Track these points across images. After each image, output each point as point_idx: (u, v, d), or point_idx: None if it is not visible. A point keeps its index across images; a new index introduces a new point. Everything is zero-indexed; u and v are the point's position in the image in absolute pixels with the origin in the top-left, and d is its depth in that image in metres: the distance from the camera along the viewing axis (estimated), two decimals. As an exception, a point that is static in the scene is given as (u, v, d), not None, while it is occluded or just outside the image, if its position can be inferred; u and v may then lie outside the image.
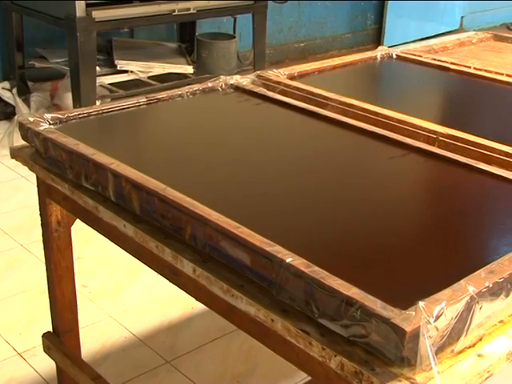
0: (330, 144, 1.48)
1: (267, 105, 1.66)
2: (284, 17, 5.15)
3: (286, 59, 5.24)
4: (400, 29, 5.89)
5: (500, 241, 1.10)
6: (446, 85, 1.99)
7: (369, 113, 1.58)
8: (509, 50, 2.36)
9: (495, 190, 1.27)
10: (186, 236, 1.09)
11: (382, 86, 2.07)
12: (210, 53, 4.07)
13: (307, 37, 5.42)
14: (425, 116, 1.54)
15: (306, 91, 1.71)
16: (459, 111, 1.78)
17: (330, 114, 1.58)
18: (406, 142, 1.42)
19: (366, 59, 2.10)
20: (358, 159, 1.41)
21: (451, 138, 1.44)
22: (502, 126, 1.64)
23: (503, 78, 1.93)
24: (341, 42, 5.66)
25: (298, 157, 1.41)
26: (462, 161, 1.34)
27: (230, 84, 1.76)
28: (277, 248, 0.98)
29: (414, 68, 2.06)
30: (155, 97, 1.64)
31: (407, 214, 1.19)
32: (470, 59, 2.15)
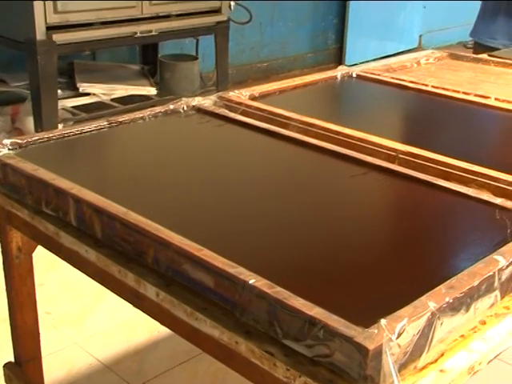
0: (291, 164, 1.49)
1: (229, 126, 1.67)
2: (246, 37, 5.19)
3: (249, 79, 5.28)
4: (360, 48, 5.98)
5: (460, 256, 1.12)
6: (405, 103, 2.03)
7: (330, 132, 1.59)
8: (465, 68, 2.41)
9: (454, 205, 1.29)
10: (148, 260, 1.09)
11: (342, 105, 2.10)
12: (172, 74, 4.08)
13: (269, 57, 5.47)
14: (385, 134, 1.56)
15: (267, 111, 1.73)
16: (418, 129, 1.81)
17: (292, 133, 1.59)
18: (367, 161, 1.44)
19: (327, 79, 2.12)
20: (319, 178, 1.42)
21: (411, 155, 1.46)
22: (460, 143, 1.67)
23: (460, 95, 1.96)
24: (303, 62, 5.72)
25: (259, 177, 1.42)
26: (421, 178, 1.36)
27: (191, 106, 1.76)
28: (239, 270, 0.98)
29: (373, 87, 2.09)
30: (117, 120, 1.63)
31: (369, 231, 1.20)
32: (427, 77, 2.19)
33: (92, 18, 3.39)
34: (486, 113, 1.87)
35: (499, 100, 1.91)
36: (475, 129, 1.82)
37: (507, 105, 1.87)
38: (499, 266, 1.02)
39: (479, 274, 0.99)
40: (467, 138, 1.72)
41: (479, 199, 1.28)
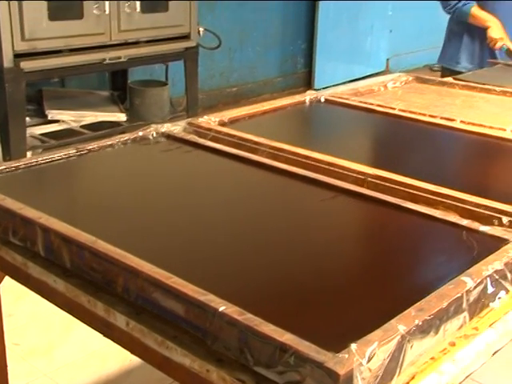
0: (261, 189, 1.50)
1: (198, 152, 1.67)
2: (215, 62, 5.22)
3: (219, 104, 5.30)
4: (329, 71, 6.06)
5: (428, 278, 1.12)
6: (372, 127, 2.05)
7: (299, 156, 1.60)
8: (431, 91, 2.45)
9: (422, 227, 1.30)
10: (118, 289, 1.08)
11: (311, 130, 2.11)
12: (142, 100, 4.08)
13: (239, 81, 5.51)
14: (353, 158, 1.57)
15: (236, 137, 1.73)
16: (386, 152, 1.83)
17: (261, 158, 1.60)
18: (336, 184, 1.45)
19: (296, 103, 2.14)
20: (288, 203, 1.43)
21: (379, 178, 1.48)
22: (427, 166, 1.69)
23: (426, 118, 2.00)
24: (272, 86, 5.77)
25: (229, 202, 1.42)
26: (390, 200, 1.37)
27: (161, 132, 1.76)
28: (209, 297, 0.98)
29: (341, 111, 2.12)
30: (85, 148, 1.63)
31: (338, 255, 1.21)
32: (394, 101, 2.23)
33: (60, 45, 3.39)
34: (451, 135, 1.91)
35: (464, 122, 1.95)
36: (442, 151, 1.85)
37: (472, 127, 1.91)
38: (467, 287, 1.03)
39: (448, 296, 1.00)
40: (434, 161, 1.74)
41: (446, 221, 1.29)
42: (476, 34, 3.14)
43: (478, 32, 3.12)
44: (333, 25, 5.93)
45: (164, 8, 3.78)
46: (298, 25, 5.83)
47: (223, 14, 5.17)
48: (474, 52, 3.11)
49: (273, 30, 5.63)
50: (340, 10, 5.96)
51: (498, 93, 2.38)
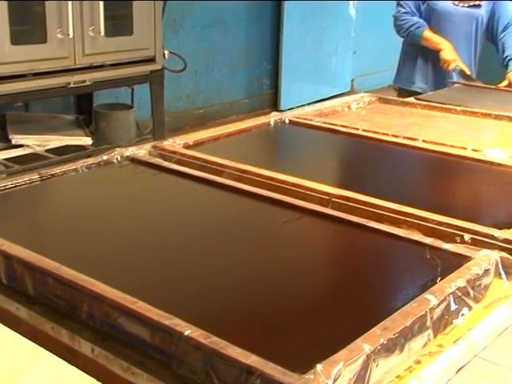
0: (226, 211, 1.50)
1: (164, 175, 1.67)
2: (181, 85, 5.23)
3: (186, 126, 5.30)
4: (295, 92, 6.11)
5: (393, 296, 1.14)
6: (337, 147, 2.07)
7: (264, 178, 1.61)
8: (393, 111, 2.49)
9: (386, 246, 1.32)
10: (82, 315, 1.07)
11: (276, 151, 2.13)
12: (108, 123, 4.06)
13: (205, 103, 5.52)
14: (318, 178, 1.59)
15: (201, 159, 1.74)
16: (350, 172, 1.85)
17: (226, 181, 1.60)
18: (301, 205, 1.46)
19: (260, 125, 2.16)
20: (254, 224, 1.43)
21: (343, 198, 1.49)
22: (391, 185, 1.71)
23: (389, 138, 2.02)
24: (239, 108, 5.80)
25: (194, 225, 1.42)
26: (354, 220, 1.39)
27: (125, 156, 1.76)
28: (175, 321, 0.97)
29: (306, 132, 2.14)
30: (49, 173, 1.61)
31: (303, 276, 1.21)
32: (358, 121, 2.25)
33: (24, 70, 3.36)
34: (414, 154, 1.94)
35: (426, 142, 1.98)
36: (405, 170, 1.88)
37: (434, 146, 1.94)
38: (431, 305, 1.04)
39: (412, 314, 1.02)
40: (397, 180, 1.77)
41: (410, 239, 1.31)
42: (429, 56, 3.22)
43: (431, 53, 3.20)
44: (297, 46, 5.99)
45: (129, 31, 3.78)
46: (263, 46, 5.88)
47: (188, 36, 5.20)
48: (428, 73, 3.18)
49: (238, 52, 5.67)
50: (304, 32, 6.03)
51: (458, 112, 2.43)
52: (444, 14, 3.12)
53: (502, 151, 1.87)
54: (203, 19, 5.28)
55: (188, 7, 5.13)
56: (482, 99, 2.70)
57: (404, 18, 3.17)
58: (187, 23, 5.16)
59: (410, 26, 3.16)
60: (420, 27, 3.14)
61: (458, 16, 3.12)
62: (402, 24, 3.19)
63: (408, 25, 3.16)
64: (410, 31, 3.17)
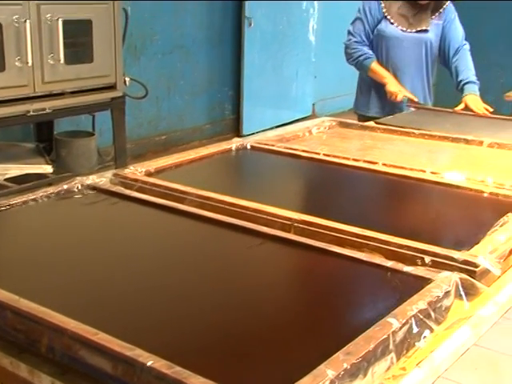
0: (187, 238, 1.50)
1: (125, 203, 1.66)
2: (143, 111, 5.22)
3: (148, 152, 5.28)
4: (257, 117, 6.14)
5: (355, 320, 1.14)
6: (298, 172, 2.09)
7: (226, 204, 1.61)
8: (353, 135, 2.52)
9: (349, 270, 1.32)
10: (42, 348, 1.05)
11: (238, 177, 2.13)
12: (69, 151, 4.02)
13: (167, 129, 5.52)
14: (280, 204, 1.59)
15: (163, 187, 1.73)
16: (312, 197, 1.86)
17: (188, 208, 1.60)
18: (263, 231, 1.46)
19: (222, 151, 2.16)
20: (216, 251, 1.43)
21: (305, 223, 1.50)
22: (352, 209, 1.73)
23: (350, 162, 2.05)
24: (201, 133, 5.81)
25: (155, 253, 1.41)
26: (316, 245, 1.39)
27: (86, 184, 1.74)
28: (137, 352, 0.96)
29: (267, 157, 2.15)
30: (7, 203, 1.59)
31: (266, 302, 1.21)
32: (319, 146, 2.28)
33: (-18, 98, 3.33)
34: (375, 178, 1.96)
35: (386, 165, 2.00)
36: (366, 194, 1.89)
37: (394, 169, 1.97)
38: (393, 328, 1.05)
39: (374, 338, 1.02)
40: (359, 204, 1.78)
41: (372, 263, 1.32)
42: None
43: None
44: (258, 72, 6.05)
45: (89, 59, 3.77)
46: (225, 72, 5.91)
47: (150, 63, 5.20)
48: (383, 99, 3.24)
49: (200, 78, 5.69)
50: (265, 58, 6.09)
51: (416, 135, 2.47)
52: (393, 40, 3.18)
53: (459, 173, 1.90)
54: (164, 46, 5.30)
55: (149, 34, 5.15)
56: (439, 122, 2.75)
57: (354, 47, 3.24)
58: (148, 50, 5.18)
59: (359, 56, 3.23)
60: (368, 58, 3.21)
61: (407, 41, 3.19)
62: (351, 53, 3.26)
63: (357, 54, 3.23)
64: (359, 61, 3.24)
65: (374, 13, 3.18)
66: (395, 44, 3.18)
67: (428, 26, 3.18)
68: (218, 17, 5.73)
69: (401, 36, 3.18)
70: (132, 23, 4.26)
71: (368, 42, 3.23)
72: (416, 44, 3.20)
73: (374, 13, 3.18)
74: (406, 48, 3.19)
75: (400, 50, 3.19)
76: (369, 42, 3.24)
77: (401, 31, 3.17)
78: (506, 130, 2.64)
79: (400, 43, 3.18)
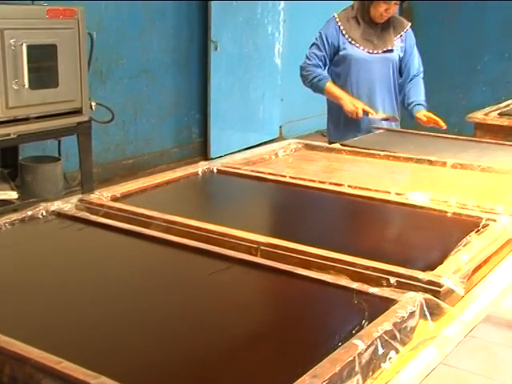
0: (153, 263, 1.49)
1: (91, 229, 1.64)
2: (110, 135, 5.21)
3: (116, 176, 5.26)
4: (224, 140, 6.16)
5: (321, 343, 1.14)
6: (264, 195, 2.09)
7: (192, 228, 1.61)
8: (319, 157, 2.54)
9: (315, 293, 1.33)
10: (4, 378, 1.03)
11: (204, 201, 2.13)
12: (34, 176, 3.99)
13: (135, 153, 5.50)
14: (246, 227, 1.60)
15: (129, 212, 1.72)
16: (278, 220, 1.87)
17: (154, 232, 1.59)
18: (229, 255, 1.46)
19: (188, 175, 2.16)
20: (182, 276, 1.42)
21: (272, 246, 1.50)
22: (318, 231, 1.74)
23: (316, 184, 2.06)
24: (168, 157, 5.80)
25: (120, 278, 1.40)
26: (282, 268, 1.39)
27: (51, 210, 1.73)
28: (102, 379, 0.95)
29: (234, 181, 2.15)
30: (-31, 231, 1.57)
31: (233, 325, 1.21)
32: (285, 168, 2.29)
33: None
34: (340, 200, 1.97)
35: (352, 187, 2.02)
36: (332, 216, 1.91)
37: (359, 191, 1.98)
38: (358, 350, 1.06)
39: (340, 360, 1.02)
40: (325, 226, 1.80)
41: (337, 285, 1.32)
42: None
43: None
44: (225, 95, 6.08)
45: (54, 84, 3.75)
46: (191, 96, 5.93)
47: (116, 87, 5.20)
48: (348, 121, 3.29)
49: (166, 102, 5.70)
50: (231, 81, 6.13)
51: (381, 157, 2.50)
52: (362, 62, 3.25)
53: (423, 194, 1.92)
54: (130, 70, 5.30)
55: (114, 58, 5.15)
56: (403, 144, 2.79)
57: (309, 69, 3.30)
58: (114, 74, 5.17)
59: (313, 78, 3.29)
60: (322, 80, 3.27)
61: (374, 62, 3.27)
62: (306, 75, 3.32)
63: (312, 76, 3.29)
64: (313, 83, 3.30)
65: (331, 40, 3.26)
66: (364, 66, 3.26)
67: (393, 46, 3.27)
68: (184, 41, 5.76)
69: (368, 58, 3.25)
70: (97, 48, 4.27)
71: (323, 65, 3.31)
72: (383, 64, 3.28)
73: (330, 40, 3.26)
74: (374, 69, 3.26)
75: (369, 71, 3.26)
76: (323, 66, 3.31)
77: (368, 53, 3.24)
78: (469, 151, 2.69)
79: (368, 64, 3.26)
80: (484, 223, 1.68)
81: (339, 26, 3.25)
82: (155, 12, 5.43)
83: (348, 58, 3.26)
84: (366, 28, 3.24)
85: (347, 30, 3.25)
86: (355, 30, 3.25)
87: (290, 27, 6.84)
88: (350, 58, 3.25)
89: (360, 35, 3.24)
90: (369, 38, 3.24)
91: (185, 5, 5.68)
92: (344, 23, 3.26)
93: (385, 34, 3.27)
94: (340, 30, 3.25)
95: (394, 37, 3.28)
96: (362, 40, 3.24)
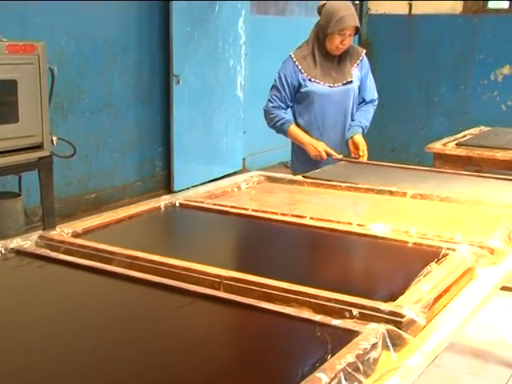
0: (115, 299, 1.47)
1: (51, 266, 1.62)
2: (72, 170, 5.17)
3: (78, 211, 5.21)
4: (188, 173, 6.16)
5: (286, 377, 1.14)
6: (227, 228, 2.09)
7: (154, 263, 1.60)
8: (281, 190, 2.55)
9: (278, 326, 1.33)
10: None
11: (167, 236, 2.12)
12: (-6, 213, 3.93)
13: (97, 188, 5.46)
14: (209, 261, 1.59)
15: (90, 248, 1.71)
16: (241, 253, 1.87)
17: (116, 268, 1.58)
18: (192, 290, 1.45)
19: (151, 209, 2.15)
20: (143, 312, 1.40)
21: (234, 280, 1.50)
22: (281, 264, 1.74)
23: (278, 217, 2.07)
24: (132, 190, 5.77)
25: (81, 316, 1.38)
26: (245, 302, 1.39)
27: (10, 248, 1.70)
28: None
29: (196, 214, 2.15)
30: None
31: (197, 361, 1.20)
32: (248, 201, 2.29)
33: None
34: (303, 232, 1.98)
35: (314, 219, 2.04)
36: (294, 248, 1.91)
37: (322, 223, 2.00)
38: (322, 383, 1.06)
39: (304, 394, 1.02)
40: (287, 259, 1.80)
41: (300, 318, 1.33)
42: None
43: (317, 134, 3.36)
44: (188, 128, 6.09)
45: (14, 119, 3.72)
46: (154, 130, 5.93)
47: (78, 122, 5.18)
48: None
49: (129, 136, 5.69)
50: (194, 114, 6.15)
51: (343, 188, 2.53)
52: (323, 97, 3.31)
53: (384, 225, 1.95)
54: (92, 104, 5.29)
55: (76, 93, 5.14)
56: (365, 175, 2.82)
57: (272, 112, 3.36)
58: (76, 109, 5.15)
59: (277, 122, 3.35)
60: (285, 124, 3.33)
61: (336, 95, 3.32)
62: (271, 118, 3.37)
63: (275, 120, 3.35)
64: (277, 126, 3.36)
65: (291, 80, 3.31)
66: (325, 100, 3.31)
67: (352, 77, 3.33)
68: (146, 75, 5.78)
69: (329, 92, 3.31)
70: (59, 82, 4.25)
71: (285, 106, 3.35)
72: (344, 96, 3.34)
73: (290, 80, 3.31)
74: (335, 101, 3.32)
75: (331, 104, 3.32)
76: (286, 106, 3.36)
77: (329, 87, 3.30)
78: (428, 181, 2.74)
79: (329, 98, 3.31)
80: (444, 253, 1.71)
81: (297, 66, 3.30)
82: (117, 46, 5.45)
83: (310, 95, 3.30)
84: (323, 62, 3.30)
85: (305, 68, 3.30)
86: (313, 66, 3.30)
87: (252, 60, 6.91)
88: (313, 95, 3.30)
89: (319, 71, 3.29)
90: (327, 72, 3.30)
91: (146, 39, 5.71)
92: (301, 62, 3.31)
93: (342, 66, 3.33)
94: (298, 68, 3.30)
95: (351, 67, 3.34)
96: (321, 75, 3.29)
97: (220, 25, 6.34)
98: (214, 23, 6.25)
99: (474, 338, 3.34)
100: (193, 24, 5.98)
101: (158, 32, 5.79)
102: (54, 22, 4.86)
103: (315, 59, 3.30)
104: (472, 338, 3.34)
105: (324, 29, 3.22)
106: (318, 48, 3.29)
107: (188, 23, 5.92)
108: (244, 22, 6.66)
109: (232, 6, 6.46)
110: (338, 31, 3.17)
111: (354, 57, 3.38)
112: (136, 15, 5.58)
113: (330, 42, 3.23)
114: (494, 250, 1.79)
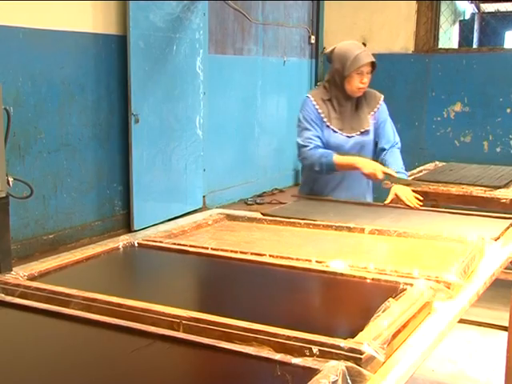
0: (71, 343, 1.44)
1: (6, 310, 1.59)
2: (29, 211, 5.10)
3: (36, 252, 5.13)
4: (148, 212, 6.13)
5: (246, 419, 1.13)
6: (186, 268, 2.08)
7: (112, 305, 1.58)
8: (241, 227, 2.56)
9: (237, 366, 1.32)
10: None
11: (125, 277, 2.09)
12: None
13: (56, 228, 5.39)
14: (168, 302, 1.58)
15: (47, 291, 1.68)
16: (201, 293, 1.86)
17: (73, 311, 1.55)
18: (151, 331, 1.44)
19: (109, 250, 2.13)
20: (100, 355, 1.38)
21: (194, 320, 1.49)
22: (241, 303, 1.74)
23: (238, 255, 2.07)
24: (91, 230, 5.71)
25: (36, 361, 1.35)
26: (204, 342, 1.38)
27: (-38, 293, 1.67)
28: None
29: (155, 254, 2.14)
30: None
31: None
32: (207, 240, 2.29)
33: None
34: (262, 270, 1.98)
35: (273, 256, 2.04)
36: (254, 287, 1.91)
37: (281, 260, 2.01)
38: (282, 423, 1.05)
39: None
40: (247, 297, 1.79)
41: (260, 357, 1.32)
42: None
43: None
44: (148, 166, 6.08)
45: (-31, 160, 3.66)
46: (113, 169, 5.90)
47: (35, 162, 5.13)
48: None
49: (88, 175, 5.65)
50: (153, 153, 6.15)
51: (302, 225, 2.54)
52: (338, 148, 3.21)
53: (343, 261, 1.96)
54: (49, 144, 5.25)
55: (33, 133, 5.10)
56: (323, 211, 2.85)
57: (310, 155, 3.20)
58: (33, 149, 5.11)
59: (320, 161, 3.18)
60: (327, 157, 3.16)
61: (350, 145, 3.25)
62: (312, 162, 3.19)
63: (318, 161, 3.18)
64: (322, 165, 3.18)
65: (316, 119, 3.22)
66: (339, 149, 3.20)
67: (369, 126, 3.26)
68: (105, 114, 5.77)
69: (344, 143, 3.24)
70: (15, 123, 4.21)
71: (320, 142, 3.22)
72: (358, 147, 3.26)
73: (315, 118, 3.22)
74: (348, 151, 3.22)
75: (344, 154, 3.19)
76: (321, 142, 3.22)
77: (345, 137, 3.24)
78: (386, 216, 2.78)
79: (343, 148, 3.22)
80: (402, 288, 1.73)
81: (317, 109, 3.23)
82: (74, 86, 5.44)
83: (325, 141, 3.23)
84: (341, 108, 3.23)
85: (325, 113, 3.23)
86: (332, 112, 3.23)
87: (210, 99, 6.97)
88: (328, 145, 3.22)
89: (335, 116, 3.23)
90: (346, 120, 3.23)
91: (104, 78, 5.72)
92: (321, 105, 3.23)
93: (360, 113, 3.26)
94: (318, 112, 3.23)
95: (368, 114, 3.27)
96: (336, 121, 3.22)
97: (178, 64, 6.39)
98: (172, 62, 6.30)
99: (435, 371, 3.37)
100: (151, 63, 6.02)
101: (116, 71, 5.81)
102: (9, 62, 4.84)
103: (333, 105, 3.24)
104: (433, 371, 3.36)
105: (340, 72, 3.16)
106: (338, 93, 3.22)
107: (146, 62, 5.95)
108: (202, 62, 6.72)
109: (190, 46, 6.53)
110: (355, 71, 3.11)
111: (372, 102, 3.31)
112: (94, 55, 5.59)
113: (349, 83, 3.16)
114: (450, 284, 1.82)
